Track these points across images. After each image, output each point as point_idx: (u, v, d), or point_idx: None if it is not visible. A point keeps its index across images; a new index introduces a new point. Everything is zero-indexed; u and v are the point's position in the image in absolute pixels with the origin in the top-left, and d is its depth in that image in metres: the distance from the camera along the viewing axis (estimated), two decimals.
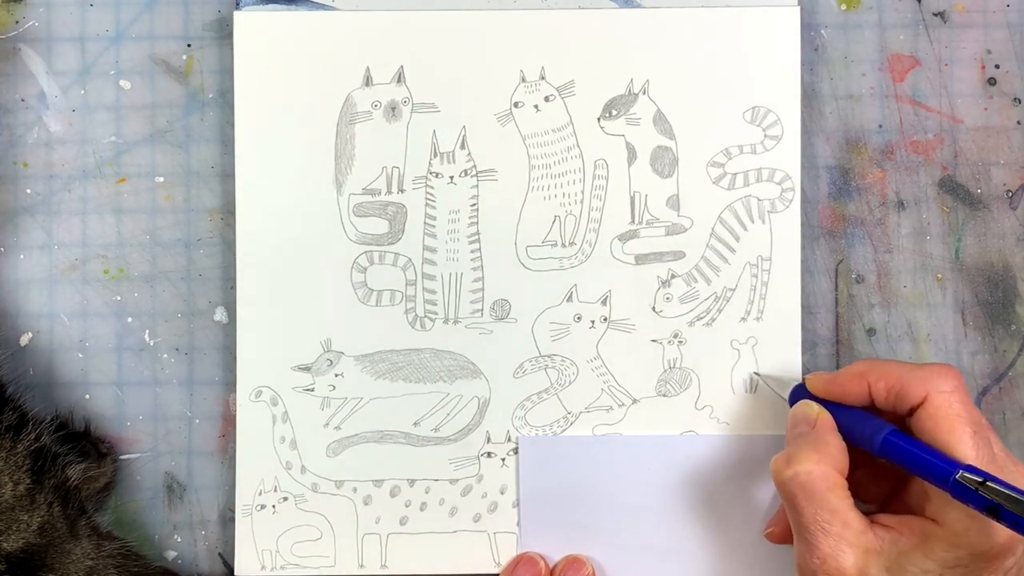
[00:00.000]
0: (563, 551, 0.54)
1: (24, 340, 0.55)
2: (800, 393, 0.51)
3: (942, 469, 0.45)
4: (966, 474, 0.44)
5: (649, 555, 0.54)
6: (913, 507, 0.48)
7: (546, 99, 0.55)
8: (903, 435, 0.47)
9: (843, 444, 0.48)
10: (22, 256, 0.55)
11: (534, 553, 0.54)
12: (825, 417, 0.49)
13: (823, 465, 0.47)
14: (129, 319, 0.55)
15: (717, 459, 0.54)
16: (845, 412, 0.49)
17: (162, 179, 0.55)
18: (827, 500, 0.46)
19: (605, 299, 0.55)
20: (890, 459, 0.47)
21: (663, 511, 0.54)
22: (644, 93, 0.55)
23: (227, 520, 0.55)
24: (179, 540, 0.55)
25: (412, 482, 0.55)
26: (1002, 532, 0.44)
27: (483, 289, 0.55)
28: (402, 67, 0.54)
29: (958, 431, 0.45)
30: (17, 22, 0.55)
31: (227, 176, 0.55)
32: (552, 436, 0.55)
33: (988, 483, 0.43)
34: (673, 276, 0.55)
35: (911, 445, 0.46)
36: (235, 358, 0.54)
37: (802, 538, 0.47)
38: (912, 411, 0.47)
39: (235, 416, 0.54)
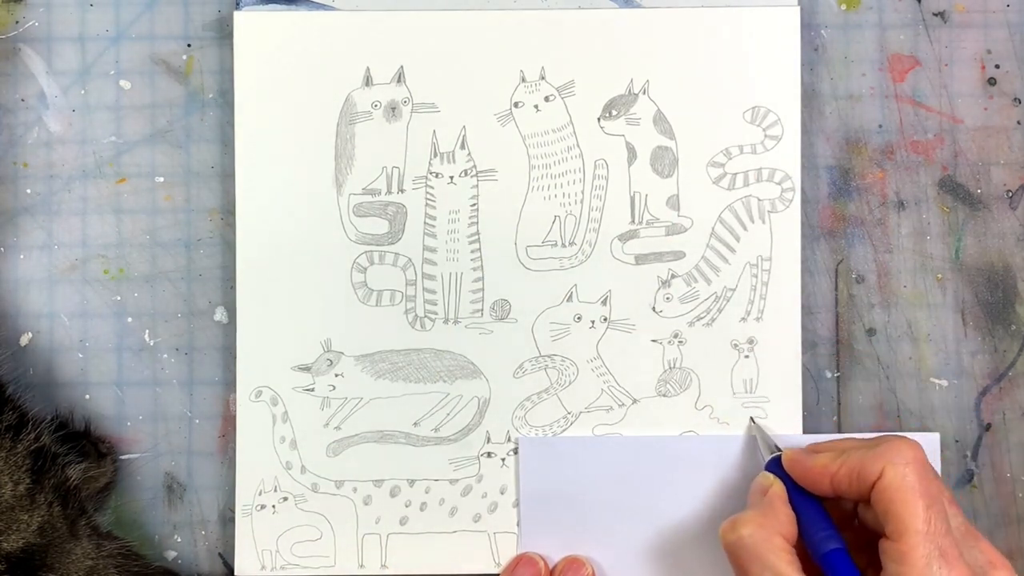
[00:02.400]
0: (563, 551, 0.54)
1: (24, 340, 0.55)
2: (775, 464, 0.51)
3: None
4: None
5: (649, 556, 0.54)
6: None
7: (546, 99, 0.55)
8: (846, 558, 0.47)
9: (791, 514, 0.49)
10: (22, 256, 0.55)
11: (534, 553, 0.54)
12: (777, 488, 0.50)
13: (766, 529, 0.48)
14: (129, 319, 0.55)
15: (717, 460, 0.54)
16: (807, 506, 0.49)
17: (162, 179, 0.55)
18: (770, 562, 0.47)
19: (605, 299, 0.55)
20: (826, 574, 0.47)
21: (663, 512, 0.54)
22: (644, 93, 0.55)
23: (227, 520, 0.55)
24: (179, 540, 0.55)
25: (412, 482, 0.55)
26: None
27: (483, 289, 0.55)
28: (402, 67, 0.54)
29: (911, 504, 0.45)
30: (17, 22, 0.55)
31: (227, 176, 0.55)
32: (552, 436, 0.54)
33: None
34: (673, 276, 0.55)
35: (844, 570, 0.46)
36: (235, 358, 0.54)
37: None
38: (870, 490, 0.47)
39: (235, 416, 0.54)
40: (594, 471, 0.54)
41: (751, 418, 0.54)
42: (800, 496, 0.49)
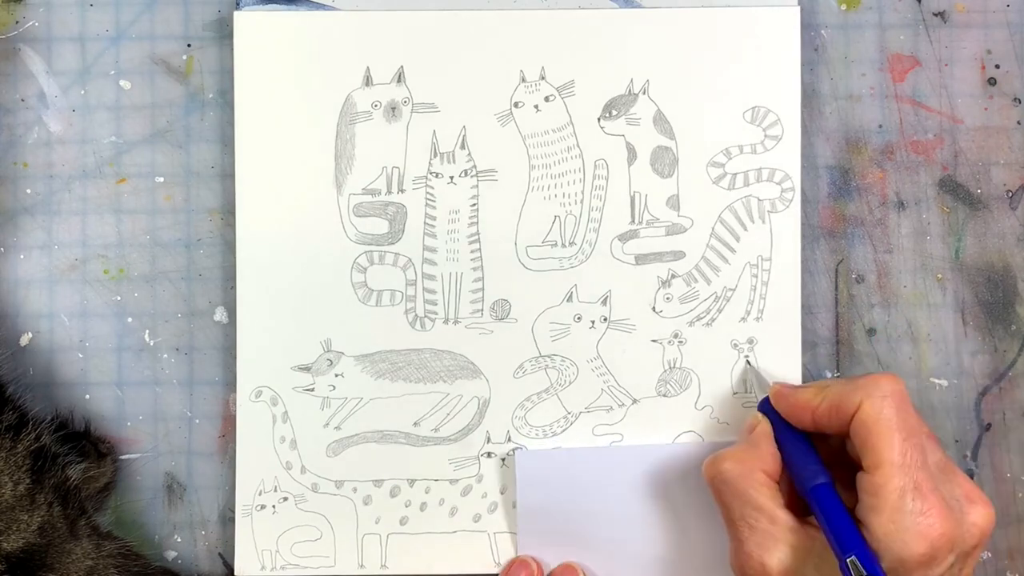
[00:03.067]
0: (559, 559, 0.54)
1: (24, 340, 0.55)
2: (766, 404, 0.51)
3: (841, 545, 0.45)
4: (856, 561, 0.44)
5: (643, 564, 0.54)
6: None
7: (546, 99, 0.55)
8: (832, 492, 0.47)
9: (776, 451, 0.49)
10: (22, 256, 0.55)
11: (528, 556, 0.54)
12: (764, 426, 0.50)
13: (746, 464, 0.48)
14: (129, 319, 0.55)
15: None
16: (795, 444, 0.49)
17: (162, 179, 0.55)
18: (751, 496, 0.47)
19: (605, 299, 0.55)
20: (813, 509, 0.47)
21: (659, 520, 0.54)
22: (644, 93, 0.55)
23: (227, 520, 0.55)
24: (179, 540, 0.55)
25: (412, 482, 0.55)
26: (922, 542, 0.44)
27: (483, 289, 0.55)
28: (402, 67, 0.54)
29: (886, 436, 0.45)
30: (17, 22, 0.55)
31: (227, 176, 0.55)
32: (548, 449, 0.54)
33: None
34: (673, 276, 0.55)
35: (830, 507, 0.46)
36: (235, 358, 0.54)
37: (731, 535, 0.49)
38: (848, 424, 0.47)
39: (235, 416, 0.54)
40: (590, 481, 0.54)
41: (747, 359, 0.54)
42: (789, 434, 0.50)
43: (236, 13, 0.54)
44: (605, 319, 0.55)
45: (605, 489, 0.54)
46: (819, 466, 0.48)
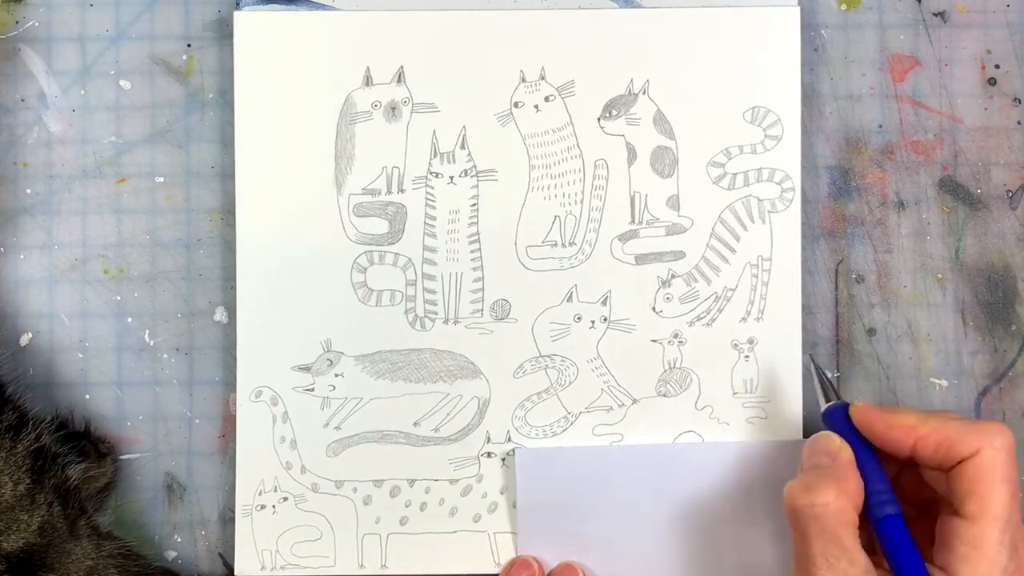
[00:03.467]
0: (559, 558, 0.54)
1: (24, 340, 0.55)
2: (837, 415, 0.49)
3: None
4: None
5: (643, 563, 0.54)
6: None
7: (546, 99, 0.55)
8: (902, 526, 0.46)
9: (861, 484, 0.47)
10: (22, 256, 0.55)
11: (529, 556, 0.54)
12: (848, 454, 0.48)
13: (841, 500, 0.46)
14: (129, 319, 0.55)
15: (715, 468, 0.54)
16: (867, 464, 0.48)
17: (162, 179, 0.55)
18: (839, 536, 0.45)
19: (605, 299, 0.55)
20: (878, 536, 0.47)
21: (659, 520, 0.54)
22: (644, 93, 0.55)
23: (227, 520, 0.55)
24: (179, 540, 0.55)
25: (412, 482, 0.55)
26: None
27: (483, 289, 0.55)
28: (402, 67, 0.54)
29: (999, 490, 0.45)
30: (17, 22, 0.55)
31: (227, 176, 0.55)
32: (548, 448, 0.54)
33: None
34: (673, 276, 0.55)
35: (901, 542, 0.46)
36: (235, 358, 0.54)
37: (803, 568, 0.46)
38: (956, 464, 0.46)
39: (235, 416, 0.54)
40: (590, 480, 0.54)
41: (811, 356, 0.53)
42: (863, 455, 0.48)
43: (236, 13, 0.54)
44: (605, 319, 0.55)
45: (605, 489, 0.54)
46: (891, 494, 0.47)
